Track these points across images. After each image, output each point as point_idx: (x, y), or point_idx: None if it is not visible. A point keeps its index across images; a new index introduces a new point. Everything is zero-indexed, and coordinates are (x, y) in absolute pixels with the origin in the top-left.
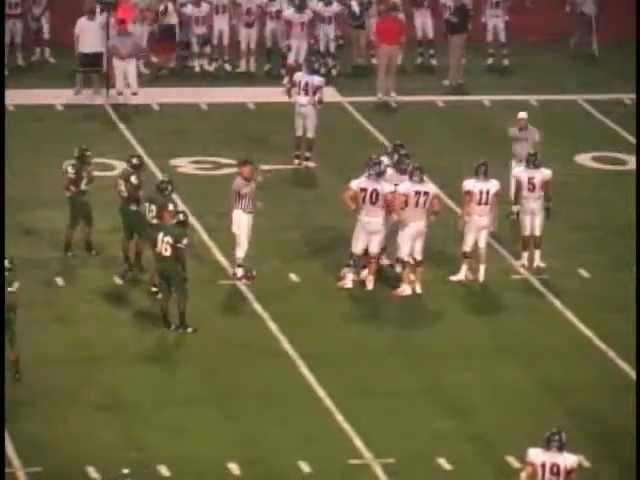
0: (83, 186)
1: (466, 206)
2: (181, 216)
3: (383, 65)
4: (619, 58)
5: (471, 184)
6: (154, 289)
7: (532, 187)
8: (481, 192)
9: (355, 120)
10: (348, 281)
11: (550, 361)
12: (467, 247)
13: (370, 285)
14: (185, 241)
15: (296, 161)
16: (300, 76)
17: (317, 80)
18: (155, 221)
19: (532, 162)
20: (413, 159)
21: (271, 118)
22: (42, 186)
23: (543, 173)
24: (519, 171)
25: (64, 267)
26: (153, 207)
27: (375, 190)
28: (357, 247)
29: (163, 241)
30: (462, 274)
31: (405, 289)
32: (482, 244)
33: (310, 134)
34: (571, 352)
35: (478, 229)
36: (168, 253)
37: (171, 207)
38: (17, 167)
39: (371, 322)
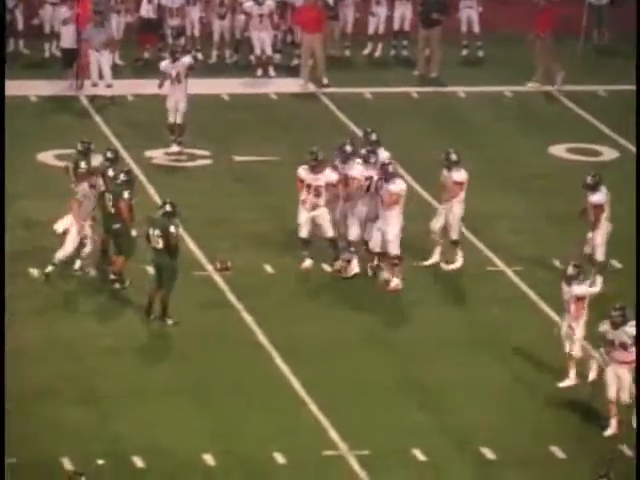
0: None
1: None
2: (167, 207)
3: (306, 54)
4: (591, 50)
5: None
6: (112, 277)
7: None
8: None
9: (329, 111)
10: (354, 267)
11: (525, 353)
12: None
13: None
14: (172, 229)
15: (176, 147)
16: (168, 67)
17: (187, 61)
18: (112, 210)
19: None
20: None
21: (245, 109)
22: (17, 178)
23: None
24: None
25: (41, 260)
26: (109, 196)
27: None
28: (353, 234)
29: (153, 235)
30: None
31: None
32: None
33: (180, 119)
34: (546, 344)
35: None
36: (160, 245)
37: (126, 195)
38: None
39: (347, 314)
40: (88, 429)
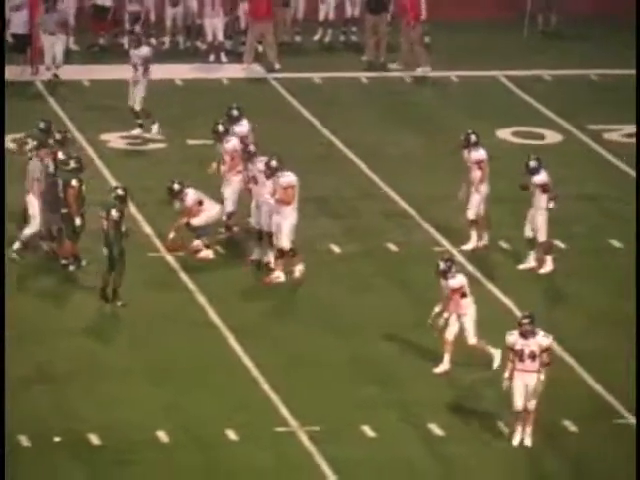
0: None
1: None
2: (119, 190)
3: (251, 39)
4: (536, 35)
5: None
6: (64, 262)
7: None
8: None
9: (280, 96)
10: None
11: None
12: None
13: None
14: (114, 213)
15: (139, 130)
16: (149, 54)
17: (145, 51)
18: (61, 195)
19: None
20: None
21: (198, 94)
22: None
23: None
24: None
25: None
26: (60, 181)
27: None
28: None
29: (101, 215)
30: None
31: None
32: None
33: (138, 106)
34: (491, 323)
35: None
36: (106, 227)
37: (74, 183)
38: None
39: (297, 293)
40: (45, 407)
